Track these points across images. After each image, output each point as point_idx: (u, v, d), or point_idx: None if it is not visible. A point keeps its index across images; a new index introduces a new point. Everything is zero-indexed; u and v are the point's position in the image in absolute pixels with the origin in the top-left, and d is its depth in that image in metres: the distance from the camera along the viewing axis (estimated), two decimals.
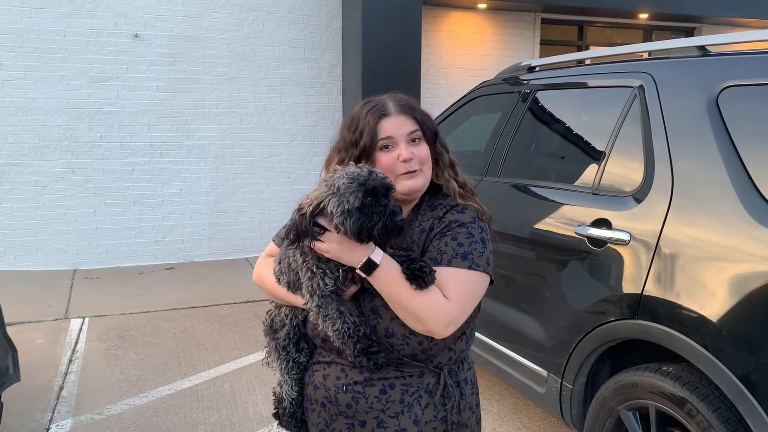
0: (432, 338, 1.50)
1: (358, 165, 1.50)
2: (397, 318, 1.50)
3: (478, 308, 1.64)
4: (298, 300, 1.59)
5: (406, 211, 1.63)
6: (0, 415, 2.96)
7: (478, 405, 1.72)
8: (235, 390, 4.04)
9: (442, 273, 1.49)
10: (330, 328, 1.49)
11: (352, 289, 1.54)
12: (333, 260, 1.49)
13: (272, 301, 1.75)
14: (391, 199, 1.47)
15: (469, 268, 1.52)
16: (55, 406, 3.81)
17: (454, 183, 1.65)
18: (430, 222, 1.60)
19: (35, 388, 4.01)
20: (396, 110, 1.60)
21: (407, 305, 1.46)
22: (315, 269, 1.50)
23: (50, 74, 6.81)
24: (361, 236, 1.44)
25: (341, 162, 1.60)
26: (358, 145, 1.59)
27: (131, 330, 5.12)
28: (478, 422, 1.72)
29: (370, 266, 1.46)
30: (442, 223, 1.58)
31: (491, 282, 1.60)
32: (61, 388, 4.04)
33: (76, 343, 4.83)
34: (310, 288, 1.50)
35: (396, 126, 1.58)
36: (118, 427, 3.58)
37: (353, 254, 1.47)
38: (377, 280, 1.47)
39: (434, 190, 1.67)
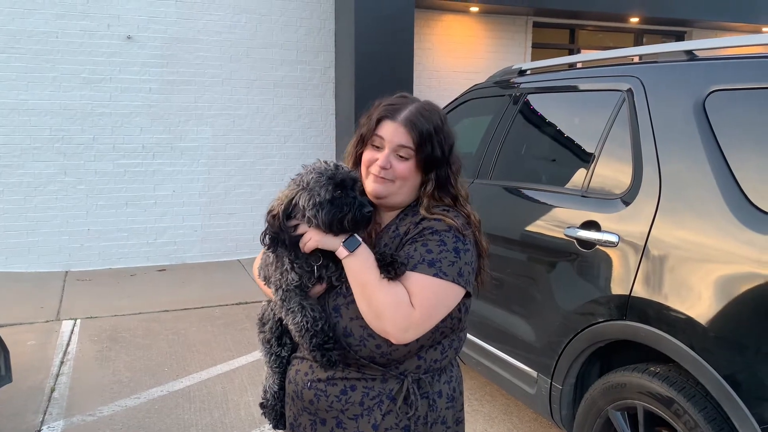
0: (390, 342, 1.47)
1: (324, 161, 1.56)
2: (357, 319, 1.51)
3: (459, 320, 1.59)
4: (270, 293, 1.65)
5: (391, 216, 1.64)
6: None
7: (459, 422, 1.68)
8: (227, 391, 4.05)
9: (408, 278, 1.47)
10: (290, 321, 1.54)
11: (318, 288, 1.57)
12: (307, 256, 1.53)
13: (267, 298, 1.80)
14: (358, 192, 1.53)
15: (435, 275, 1.46)
16: (47, 407, 3.81)
17: (424, 210, 1.58)
18: (406, 226, 1.58)
19: (26, 389, 4.01)
20: (402, 120, 1.57)
21: (371, 295, 1.44)
22: (283, 264, 1.55)
23: (42, 75, 6.80)
24: (332, 227, 1.49)
25: (354, 142, 1.67)
26: (362, 129, 1.64)
27: (123, 332, 5.12)
28: None
29: (352, 242, 1.49)
30: (417, 228, 1.55)
31: (468, 295, 1.56)
32: (52, 390, 4.04)
33: (68, 344, 4.82)
34: (277, 282, 1.57)
35: (391, 133, 1.57)
36: (110, 428, 3.58)
37: (335, 238, 1.51)
38: (354, 261, 1.49)
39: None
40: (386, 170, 1.56)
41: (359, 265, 1.48)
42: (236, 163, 7.73)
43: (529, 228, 3.10)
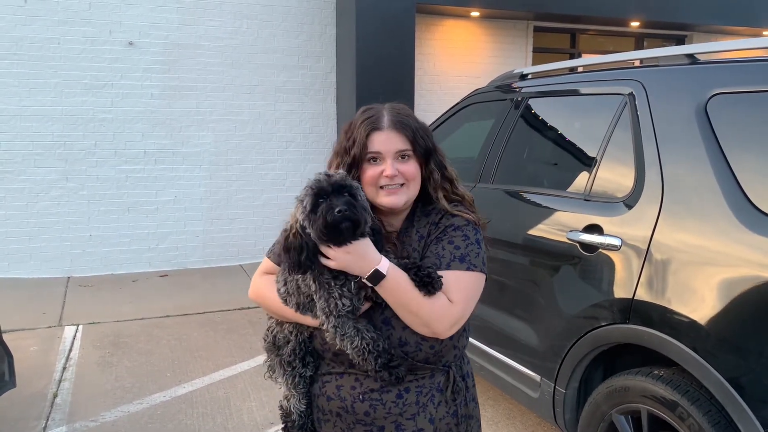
0: (440, 340, 1.57)
1: (320, 172, 1.54)
2: (409, 327, 1.54)
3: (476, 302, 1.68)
4: (308, 320, 1.61)
5: (399, 220, 1.68)
6: None
7: (477, 395, 1.79)
8: (229, 396, 4.05)
9: (444, 276, 1.54)
10: (349, 346, 1.51)
11: (365, 306, 1.56)
12: (344, 275, 1.51)
13: (269, 319, 1.76)
14: (354, 195, 1.50)
15: (468, 269, 1.57)
16: (49, 413, 3.81)
17: (445, 202, 1.66)
18: (426, 228, 1.65)
19: (29, 395, 4.01)
20: (388, 125, 1.61)
21: (417, 311, 1.50)
22: (330, 291, 1.51)
23: (44, 82, 6.82)
24: (320, 238, 1.47)
25: (338, 166, 1.65)
26: (350, 152, 1.62)
27: (125, 337, 5.11)
28: (479, 412, 1.79)
29: (376, 277, 1.49)
30: (438, 228, 1.63)
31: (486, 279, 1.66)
32: (55, 396, 4.03)
33: (70, 350, 4.82)
34: (326, 309, 1.52)
35: (386, 142, 1.60)
36: None
37: (359, 265, 1.49)
38: (384, 290, 1.51)
39: (427, 197, 1.70)
40: (396, 177, 1.60)
41: (390, 292, 1.51)
42: (238, 169, 7.73)
43: (532, 232, 3.10)
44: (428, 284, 1.50)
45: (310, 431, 1.72)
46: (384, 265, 1.50)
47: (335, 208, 1.44)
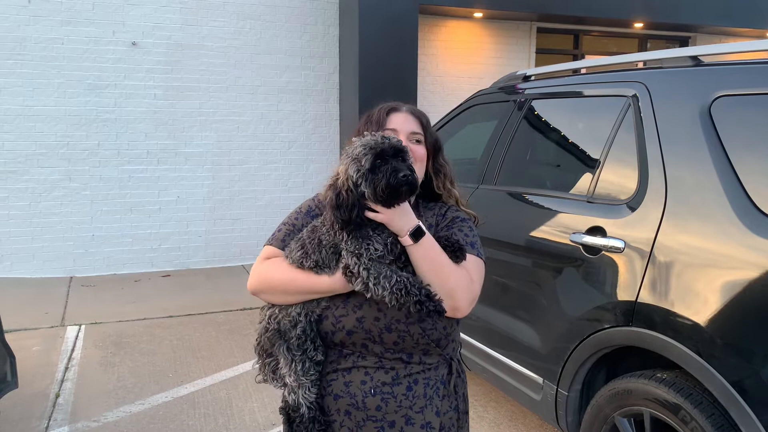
0: (452, 321, 1.62)
1: (373, 133, 1.59)
2: None
3: None
4: (323, 282, 1.57)
5: None
6: None
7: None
8: (231, 397, 4.05)
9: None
10: (387, 286, 1.47)
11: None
12: (383, 228, 1.54)
13: (269, 309, 1.69)
14: (406, 160, 1.54)
15: (477, 255, 1.66)
16: (52, 413, 3.81)
17: (456, 192, 1.80)
18: (434, 218, 1.74)
19: (31, 395, 4.01)
20: (407, 110, 1.77)
21: (447, 276, 1.53)
22: (361, 237, 1.52)
23: (48, 82, 6.83)
24: (376, 197, 1.50)
25: None
26: (369, 129, 1.72)
27: (128, 337, 5.12)
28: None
29: (417, 233, 1.53)
30: (446, 219, 1.73)
31: None
32: (57, 396, 4.04)
33: (73, 350, 4.83)
34: (356, 250, 1.51)
35: (403, 121, 1.74)
36: None
37: (404, 221, 1.54)
38: (421, 249, 1.54)
39: (427, 197, 1.80)
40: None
41: (426, 252, 1.54)
42: (240, 169, 7.74)
43: (534, 234, 3.09)
44: (457, 250, 1.57)
45: (323, 423, 1.62)
46: (423, 225, 1.56)
47: (400, 172, 1.48)
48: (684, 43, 9.90)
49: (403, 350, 1.59)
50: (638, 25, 9.20)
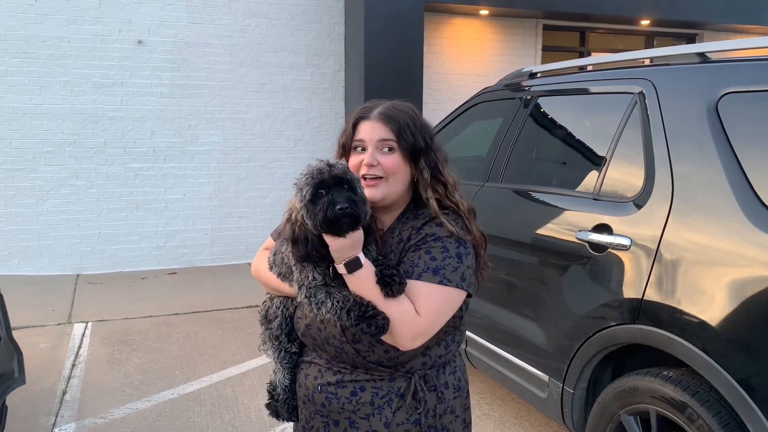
0: (398, 348, 1.51)
1: (321, 160, 1.50)
2: None
3: (461, 318, 1.65)
4: (285, 287, 1.66)
5: (391, 217, 1.65)
6: (4, 418, 2.97)
7: (466, 409, 1.72)
8: (237, 394, 4.06)
9: (413, 286, 1.49)
10: (324, 311, 1.48)
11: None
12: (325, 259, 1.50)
13: (268, 294, 1.81)
14: (355, 188, 1.46)
15: (440, 283, 1.50)
16: (59, 410, 3.83)
17: (434, 203, 1.60)
18: (408, 232, 1.60)
19: (39, 392, 4.03)
20: (376, 116, 1.60)
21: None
22: (304, 267, 1.53)
23: (54, 80, 6.86)
24: (317, 229, 1.45)
25: (337, 154, 1.69)
26: (341, 141, 1.68)
27: (134, 335, 5.14)
28: (467, 426, 1.72)
29: (352, 265, 1.46)
30: (419, 234, 1.57)
31: (469, 295, 1.59)
32: (64, 393, 4.06)
33: (80, 347, 4.85)
34: (299, 280, 1.54)
35: (369, 131, 1.60)
36: (121, 431, 3.60)
37: (345, 250, 1.46)
38: (355, 279, 1.47)
39: (420, 201, 1.66)
40: (374, 167, 1.58)
41: (359, 285, 1.47)
42: (246, 167, 7.75)
43: (541, 231, 3.09)
44: (388, 284, 1.45)
45: (292, 407, 1.76)
46: (362, 256, 1.47)
47: (336, 205, 1.41)
48: (691, 40, 9.86)
49: (345, 362, 1.59)
50: (645, 22, 9.16)
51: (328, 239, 1.45)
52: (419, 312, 1.47)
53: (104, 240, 7.21)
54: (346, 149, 1.65)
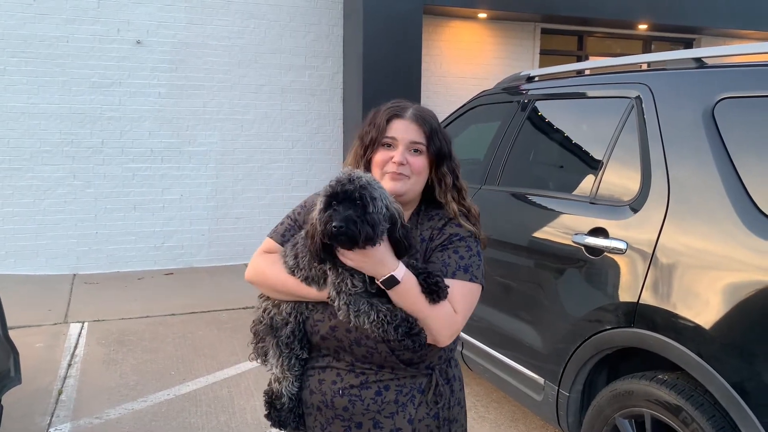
0: (430, 346, 1.57)
1: (346, 171, 1.51)
2: None
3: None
4: (311, 292, 1.61)
5: (406, 215, 1.67)
6: (0, 418, 2.97)
7: (464, 399, 1.79)
8: (233, 395, 4.06)
9: (449, 286, 1.56)
10: (366, 321, 1.49)
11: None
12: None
13: (264, 301, 1.76)
14: (366, 206, 1.45)
15: (470, 280, 1.61)
16: (54, 410, 3.82)
17: (455, 205, 1.69)
18: (429, 232, 1.67)
19: (34, 391, 4.03)
20: (411, 116, 1.67)
21: (423, 318, 1.51)
22: (343, 270, 1.52)
23: (52, 80, 6.85)
24: (323, 240, 1.46)
25: (356, 149, 1.71)
26: (368, 135, 1.68)
27: (130, 335, 5.13)
28: (465, 416, 1.80)
29: (390, 282, 1.49)
30: (443, 234, 1.65)
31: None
32: (60, 392, 4.05)
33: (76, 347, 4.84)
34: (337, 286, 1.52)
35: (403, 129, 1.66)
36: (117, 431, 3.59)
37: (375, 269, 1.49)
38: (397, 294, 1.50)
39: (431, 200, 1.73)
40: (403, 166, 1.63)
41: (400, 297, 1.50)
42: (244, 168, 7.75)
43: (537, 234, 3.10)
44: (435, 292, 1.51)
45: (298, 415, 1.73)
46: (400, 271, 1.50)
47: (332, 222, 1.42)
48: (688, 44, 9.89)
49: (372, 362, 1.60)
50: (642, 26, 9.19)
51: (348, 254, 1.48)
52: (456, 310, 1.56)
53: (101, 240, 7.20)
54: (372, 143, 1.67)
